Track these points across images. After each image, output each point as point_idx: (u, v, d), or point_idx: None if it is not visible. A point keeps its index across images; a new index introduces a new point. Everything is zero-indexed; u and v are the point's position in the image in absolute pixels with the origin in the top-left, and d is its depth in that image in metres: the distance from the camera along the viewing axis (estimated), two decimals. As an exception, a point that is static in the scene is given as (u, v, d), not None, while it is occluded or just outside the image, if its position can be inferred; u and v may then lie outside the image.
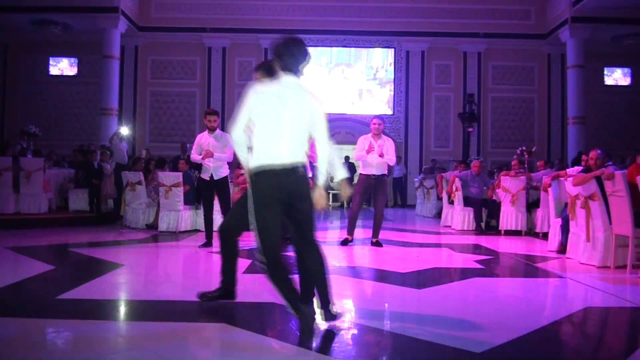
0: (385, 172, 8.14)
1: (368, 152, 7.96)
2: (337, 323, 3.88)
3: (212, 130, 7.60)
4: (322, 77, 20.72)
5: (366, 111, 19.85)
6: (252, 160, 3.60)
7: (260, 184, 3.54)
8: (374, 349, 3.49)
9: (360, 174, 8.19)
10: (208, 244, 7.82)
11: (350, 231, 8.24)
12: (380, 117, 8.37)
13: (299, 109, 3.60)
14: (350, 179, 14.83)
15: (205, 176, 7.73)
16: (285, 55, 3.64)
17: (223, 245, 4.45)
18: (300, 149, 3.61)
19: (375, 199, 8.27)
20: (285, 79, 3.66)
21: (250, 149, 3.66)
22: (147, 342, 3.52)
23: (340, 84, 20.75)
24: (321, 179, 3.68)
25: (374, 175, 8.02)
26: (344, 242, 8.15)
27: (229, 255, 4.47)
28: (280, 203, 3.56)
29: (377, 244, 8.10)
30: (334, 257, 7.53)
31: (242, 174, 9.99)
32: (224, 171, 7.73)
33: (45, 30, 18.62)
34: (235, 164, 11.18)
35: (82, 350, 3.35)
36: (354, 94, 20.66)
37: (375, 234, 8.18)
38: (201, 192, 8.18)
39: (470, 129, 18.75)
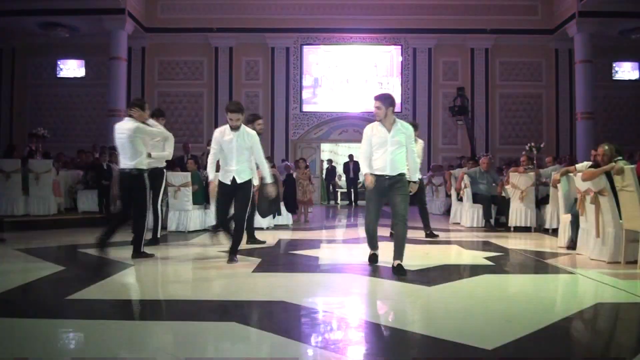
0: (403, 170, 6.04)
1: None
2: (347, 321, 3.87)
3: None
4: (329, 75, 20.73)
5: (372, 108, 19.80)
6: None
7: None
8: (383, 346, 3.49)
9: (370, 173, 6.09)
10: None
11: (372, 244, 6.42)
12: (381, 97, 6.15)
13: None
14: (356, 179, 14.49)
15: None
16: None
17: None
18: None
19: (393, 204, 6.05)
20: None
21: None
22: (158, 341, 3.53)
23: (347, 81, 20.72)
24: None
25: (387, 175, 5.95)
26: (371, 259, 6.39)
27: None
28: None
29: (398, 269, 5.79)
30: (343, 254, 7.54)
31: None
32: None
33: (53, 32, 18.74)
34: None
35: (92, 350, 3.36)
36: (360, 92, 20.62)
37: (397, 254, 5.94)
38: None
39: (459, 122, 18.77)
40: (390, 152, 5.92)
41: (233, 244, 6.46)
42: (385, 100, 6.05)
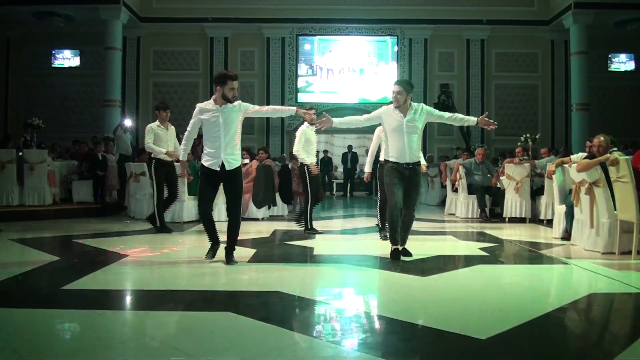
0: (420, 158, 6.13)
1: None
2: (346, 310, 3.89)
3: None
4: (324, 66, 20.68)
5: (370, 99, 19.82)
6: None
7: None
8: (377, 336, 3.50)
9: (385, 160, 6.15)
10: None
11: (395, 239, 6.04)
12: (403, 82, 6.11)
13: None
14: (353, 170, 14.47)
15: None
16: None
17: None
18: None
19: (407, 196, 5.99)
20: None
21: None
22: (153, 331, 3.53)
23: (342, 72, 20.68)
24: None
25: (407, 163, 5.93)
26: (395, 255, 5.99)
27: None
28: None
29: (403, 252, 6.08)
30: (338, 245, 7.54)
31: (245, 163, 10.01)
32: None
33: (48, 22, 18.65)
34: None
35: (87, 339, 3.37)
36: (356, 83, 20.59)
37: (403, 239, 6.16)
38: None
39: None
40: (407, 138, 5.89)
41: (232, 242, 5.75)
42: (407, 85, 5.99)
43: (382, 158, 7.78)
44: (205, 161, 5.70)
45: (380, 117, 6.09)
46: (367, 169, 8.16)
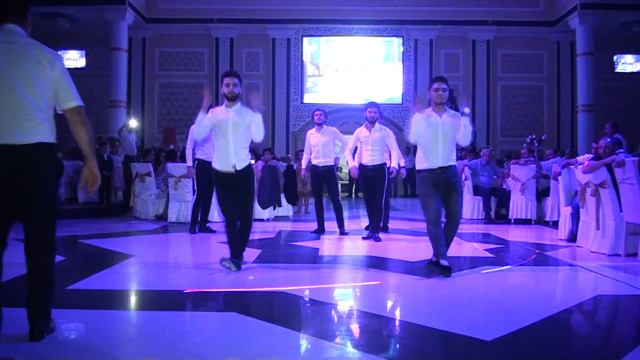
0: (454, 162, 5.49)
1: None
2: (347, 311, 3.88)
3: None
4: (330, 67, 20.69)
5: (376, 100, 19.78)
6: None
7: None
8: (382, 337, 3.49)
9: (419, 171, 5.48)
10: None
11: (440, 252, 5.26)
12: (445, 79, 5.63)
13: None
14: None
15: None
16: None
17: None
18: None
19: (447, 201, 5.38)
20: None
21: None
22: (158, 331, 3.53)
23: (348, 73, 20.69)
24: None
25: (440, 168, 5.32)
26: (445, 272, 5.10)
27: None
28: None
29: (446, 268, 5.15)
30: (343, 246, 7.54)
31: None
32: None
33: (53, 22, 18.66)
34: None
35: (92, 340, 3.37)
36: (361, 84, 20.58)
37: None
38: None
39: None
40: (441, 139, 5.36)
41: (242, 244, 5.52)
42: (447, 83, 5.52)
43: (363, 162, 7.82)
44: (217, 164, 5.53)
45: (418, 130, 5.40)
46: (351, 165, 8.09)
